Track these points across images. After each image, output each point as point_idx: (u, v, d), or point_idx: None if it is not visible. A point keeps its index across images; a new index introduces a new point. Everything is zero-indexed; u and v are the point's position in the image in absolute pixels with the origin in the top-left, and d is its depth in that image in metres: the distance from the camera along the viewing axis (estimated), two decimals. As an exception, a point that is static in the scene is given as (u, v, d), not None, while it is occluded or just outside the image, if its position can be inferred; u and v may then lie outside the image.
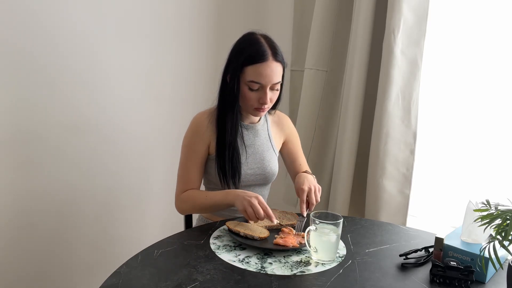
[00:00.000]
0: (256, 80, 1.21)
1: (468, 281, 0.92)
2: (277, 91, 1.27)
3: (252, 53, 1.21)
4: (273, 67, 1.21)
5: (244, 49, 1.23)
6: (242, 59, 1.21)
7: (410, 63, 1.58)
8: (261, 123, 1.38)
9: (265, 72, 1.20)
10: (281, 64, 1.24)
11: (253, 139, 1.35)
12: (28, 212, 1.60)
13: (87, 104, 1.68)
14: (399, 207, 1.64)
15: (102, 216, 1.81)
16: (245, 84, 1.23)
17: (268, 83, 1.21)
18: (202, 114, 1.33)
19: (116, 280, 0.90)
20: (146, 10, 1.79)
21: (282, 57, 1.25)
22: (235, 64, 1.23)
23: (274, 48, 1.23)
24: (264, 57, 1.20)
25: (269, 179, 1.38)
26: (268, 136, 1.39)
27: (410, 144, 1.62)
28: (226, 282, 0.90)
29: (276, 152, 1.40)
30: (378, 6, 1.64)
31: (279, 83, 1.25)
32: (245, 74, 1.22)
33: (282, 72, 1.25)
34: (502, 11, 1.48)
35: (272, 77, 1.21)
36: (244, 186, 1.34)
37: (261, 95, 1.23)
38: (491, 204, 0.86)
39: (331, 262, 1.02)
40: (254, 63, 1.20)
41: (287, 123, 1.46)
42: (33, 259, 1.64)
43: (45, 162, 1.61)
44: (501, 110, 1.51)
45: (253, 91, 1.23)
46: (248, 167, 1.32)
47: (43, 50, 1.54)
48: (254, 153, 1.34)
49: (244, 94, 1.24)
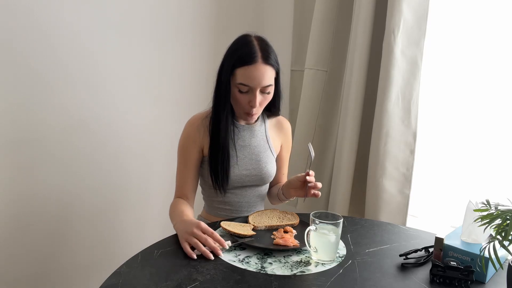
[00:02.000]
0: (245, 82, 1.19)
1: (468, 281, 0.92)
2: (269, 95, 1.25)
3: (242, 55, 1.20)
4: (262, 69, 1.19)
5: (236, 51, 1.22)
6: (233, 61, 1.21)
7: (410, 63, 1.58)
8: (258, 123, 1.37)
9: (253, 75, 1.19)
10: (273, 68, 1.22)
11: (249, 140, 1.34)
12: (28, 212, 1.60)
13: (86, 105, 1.68)
14: (399, 207, 1.64)
15: (102, 216, 1.81)
16: (235, 87, 1.22)
17: (257, 85, 1.19)
18: (196, 117, 1.33)
19: (116, 280, 0.90)
20: (146, 11, 1.79)
21: (275, 60, 1.23)
22: (227, 66, 1.23)
23: (266, 51, 1.21)
24: (253, 59, 1.18)
25: (265, 180, 1.37)
26: (266, 137, 1.38)
27: (410, 144, 1.62)
28: (226, 282, 0.90)
29: (274, 154, 1.40)
30: (378, 6, 1.64)
31: (270, 87, 1.22)
32: (235, 76, 1.21)
33: (273, 75, 1.23)
34: (502, 11, 1.48)
35: (260, 79, 1.19)
36: (240, 187, 1.34)
37: (251, 98, 1.21)
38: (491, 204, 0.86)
39: (331, 262, 1.02)
40: (244, 65, 1.19)
41: (287, 129, 1.45)
42: (33, 260, 1.64)
43: (44, 162, 1.61)
44: (501, 110, 1.51)
45: (243, 93, 1.22)
46: (243, 167, 1.31)
47: (40, 50, 1.54)
48: (250, 154, 1.33)
49: (234, 97, 1.24)
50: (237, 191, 1.35)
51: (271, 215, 1.26)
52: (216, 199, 1.37)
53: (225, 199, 1.35)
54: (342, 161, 1.73)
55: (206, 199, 1.41)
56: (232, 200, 1.35)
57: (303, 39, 2.00)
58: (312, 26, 1.86)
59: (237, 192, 1.35)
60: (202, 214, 1.44)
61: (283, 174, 1.47)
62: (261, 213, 1.27)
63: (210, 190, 1.35)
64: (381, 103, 1.61)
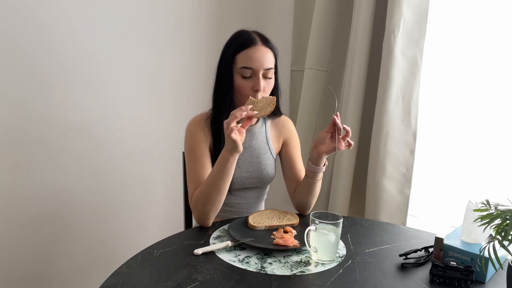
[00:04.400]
0: (247, 65, 1.20)
1: (468, 281, 0.92)
2: (271, 80, 1.25)
3: (240, 41, 1.22)
4: (263, 51, 1.21)
5: (234, 40, 1.25)
6: (232, 49, 1.23)
7: (410, 63, 1.58)
8: (258, 125, 1.36)
9: (254, 56, 1.20)
10: (272, 52, 1.24)
11: (249, 142, 1.33)
12: (28, 212, 1.60)
13: (86, 105, 1.68)
14: (399, 207, 1.64)
15: (102, 216, 1.82)
16: (237, 74, 1.22)
17: (260, 67, 1.20)
18: (197, 117, 1.32)
19: (116, 280, 0.90)
20: (146, 11, 1.79)
21: (272, 44, 1.25)
22: (226, 57, 1.24)
23: (263, 36, 1.25)
24: (253, 42, 1.21)
25: (265, 182, 1.36)
26: (266, 138, 1.37)
27: (410, 144, 1.62)
28: (226, 282, 0.90)
29: (274, 155, 1.39)
30: (378, 6, 1.64)
31: (271, 70, 1.23)
32: (236, 63, 1.22)
33: (273, 59, 1.25)
34: (502, 11, 1.48)
35: (262, 61, 1.20)
36: (240, 189, 1.34)
37: (255, 82, 1.21)
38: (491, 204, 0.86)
39: (331, 262, 1.02)
40: (244, 49, 1.21)
41: (288, 125, 1.43)
42: (33, 260, 1.64)
43: (44, 162, 1.61)
44: (501, 110, 1.51)
45: (246, 79, 1.22)
46: (244, 170, 1.31)
47: (41, 50, 1.54)
48: (251, 156, 1.32)
49: (238, 85, 1.23)
50: (237, 192, 1.34)
51: (271, 215, 1.26)
52: None
53: (226, 201, 1.34)
54: (342, 161, 1.73)
55: None
56: (232, 202, 1.35)
57: (303, 39, 2.00)
58: (312, 26, 1.86)
59: (237, 194, 1.34)
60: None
61: (300, 170, 1.38)
62: (261, 213, 1.27)
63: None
64: (381, 103, 1.61)
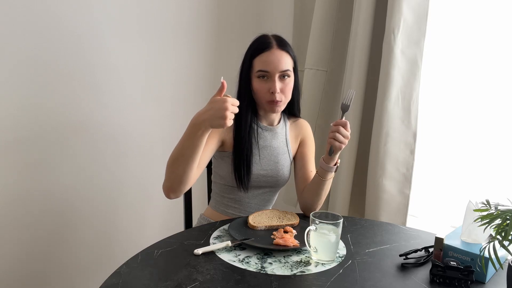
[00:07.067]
0: (263, 68, 1.24)
1: (468, 281, 0.92)
2: (289, 81, 1.27)
3: (257, 46, 1.27)
4: (278, 54, 1.24)
5: (252, 45, 1.29)
6: (249, 54, 1.27)
7: (410, 63, 1.58)
8: (280, 126, 1.39)
9: (269, 59, 1.23)
10: (289, 55, 1.26)
11: (270, 141, 1.35)
12: (28, 212, 1.60)
13: (86, 104, 1.68)
14: (399, 207, 1.64)
15: (102, 216, 1.81)
16: (255, 77, 1.26)
17: (275, 70, 1.23)
18: None
19: (116, 280, 0.90)
20: (146, 10, 1.79)
21: (290, 48, 1.28)
22: (245, 61, 1.28)
23: (281, 41, 1.27)
24: (268, 46, 1.25)
25: (279, 183, 1.37)
26: (286, 140, 1.40)
27: (410, 144, 1.62)
28: (226, 282, 0.90)
29: (291, 157, 1.40)
30: (378, 6, 1.64)
31: (287, 72, 1.25)
32: (254, 67, 1.26)
33: (291, 62, 1.27)
34: (502, 11, 1.48)
35: (277, 64, 1.23)
36: (255, 187, 1.35)
37: (270, 85, 1.24)
38: (491, 204, 0.86)
39: (331, 262, 1.02)
40: (260, 53, 1.24)
41: (306, 127, 1.46)
42: (33, 259, 1.64)
43: (44, 162, 1.61)
44: (501, 110, 1.51)
45: (262, 82, 1.25)
46: (261, 167, 1.32)
47: (43, 50, 1.54)
48: (270, 155, 1.34)
49: (255, 87, 1.27)
50: (251, 189, 1.35)
51: (271, 215, 1.26)
52: (227, 196, 1.36)
53: (236, 197, 1.35)
54: (342, 161, 1.73)
55: (217, 195, 1.40)
56: (242, 200, 1.36)
57: (303, 39, 2.00)
58: (312, 26, 1.86)
59: (250, 191, 1.35)
60: (205, 213, 1.43)
61: (311, 171, 1.39)
62: (261, 213, 1.27)
63: (224, 186, 1.35)
64: (381, 103, 1.61)
